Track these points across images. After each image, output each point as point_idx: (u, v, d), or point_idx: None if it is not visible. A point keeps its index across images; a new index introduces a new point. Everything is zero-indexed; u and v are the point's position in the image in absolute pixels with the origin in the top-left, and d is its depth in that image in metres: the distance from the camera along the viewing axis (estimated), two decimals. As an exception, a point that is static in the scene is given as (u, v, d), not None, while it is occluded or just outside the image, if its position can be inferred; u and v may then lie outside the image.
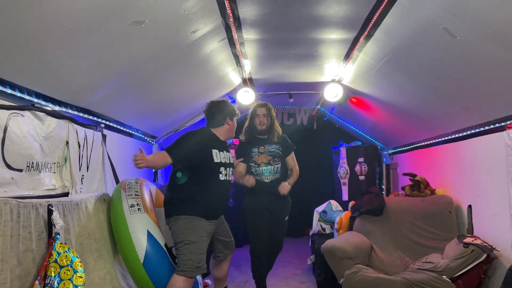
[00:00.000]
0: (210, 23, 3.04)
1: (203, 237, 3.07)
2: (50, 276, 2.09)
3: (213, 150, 3.20)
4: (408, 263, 3.84)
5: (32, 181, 2.35)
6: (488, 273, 3.36)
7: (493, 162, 3.37)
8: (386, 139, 6.21)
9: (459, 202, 4.04)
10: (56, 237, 2.20)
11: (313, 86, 5.25)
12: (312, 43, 3.65)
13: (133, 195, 3.15)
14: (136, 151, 2.94)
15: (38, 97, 2.46)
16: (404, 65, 3.54)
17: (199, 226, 3.06)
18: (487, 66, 2.76)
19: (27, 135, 2.29)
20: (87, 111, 3.15)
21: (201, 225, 3.08)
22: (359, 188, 6.13)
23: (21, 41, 2.01)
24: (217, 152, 3.22)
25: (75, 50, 2.35)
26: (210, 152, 3.19)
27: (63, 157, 2.75)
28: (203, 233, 3.08)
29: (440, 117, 4.07)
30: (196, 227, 3.05)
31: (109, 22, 2.29)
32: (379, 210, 4.29)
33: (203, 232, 3.08)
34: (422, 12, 2.59)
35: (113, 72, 2.93)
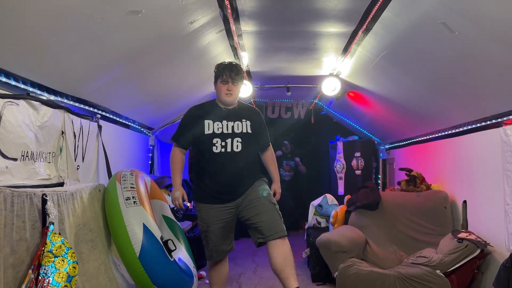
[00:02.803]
0: (207, 14, 3.02)
1: (211, 225, 2.95)
2: (45, 265, 2.09)
3: (205, 121, 2.94)
4: (402, 258, 3.86)
5: (27, 171, 2.34)
6: (482, 268, 3.38)
7: (489, 158, 3.38)
8: (383, 134, 6.21)
9: (454, 197, 4.06)
10: (50, 227, 2.19)
11: (311, 79, 5.24)
12: (310, 36, 3.63)
13: (129, 188, 3.14)
14: (132, 142, 2.95)
15: (34, 86, 2.45)
16: (402, 60, 3.53)
17: (203, 213, 2.98)
18: (485, 61, 2.75)
19: (22, 124, 2.28)
20: (83, 101, 3.13)
21: (206, 211, 2.97)
22: (355, 182, 6.15)
23: (16, 30, 1.99)
24: (210, 122, 2.92)
25: (71, 39, 2.33)
26: (202, 124, 2.93)
27: (58, 147, 2.74)
28: (209, 220, 2.95)
29: (437, 112, 4.08)
30: (201, 215, 2.99)
31: (106, 11, 2.27)
32: (375, 205, 4.30)
33: (209, 218, 2.95)
34: (420, 6, 2.58)
35: (109, 62, 2.91)
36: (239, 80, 2.95)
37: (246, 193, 2.97)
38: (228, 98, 2.94)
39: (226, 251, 3.10)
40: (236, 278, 4.40)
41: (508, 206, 3.08)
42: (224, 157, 2.91)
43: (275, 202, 2.98)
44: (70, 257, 2.17)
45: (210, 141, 2.89)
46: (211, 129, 2.90)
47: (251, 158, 3.03)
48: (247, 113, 3.05)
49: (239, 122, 2.96)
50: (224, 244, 3.05)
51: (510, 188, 3.05)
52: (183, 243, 3.58)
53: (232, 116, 2.97)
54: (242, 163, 2.95)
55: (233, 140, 2.92)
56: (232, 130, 2.93)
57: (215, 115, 2.95)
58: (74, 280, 2.16)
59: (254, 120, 3.04)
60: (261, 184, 3.04)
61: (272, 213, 2.91)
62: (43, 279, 2.05)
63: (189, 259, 3.40)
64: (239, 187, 2.96)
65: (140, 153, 4.88)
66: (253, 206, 2.92)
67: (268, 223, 2.87)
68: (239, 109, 3.05)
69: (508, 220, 3.07)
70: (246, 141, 2.95)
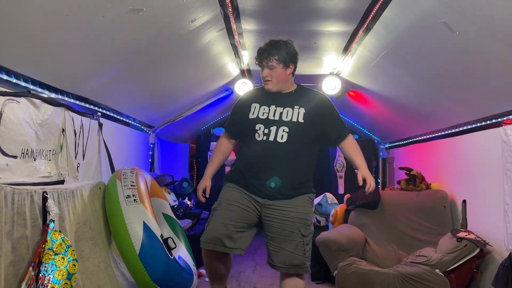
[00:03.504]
0: (208, 13, 3.02)
1: (223, 204, 2.54)
2: (45, 263, 2.09)
3: (253, 105, 2.60)
4: (401, 257, 3.87)
5: (27, 168, 2.34)
6: (481, 268, 3.39)
7: (489, 158, 3.38)
8: (383, 133, 6.22)
9: (454, 197, 4.06)
10: (51, 224, 2.19)
11: (311, 78, 5.24)
12: (311, 35, 3.63)
13: (129, 186, 3.14)
14: (133, 140, 2.93)
15: (34, 84, 2.45)
16: (403, 59, 3.53)
17: (224, 192, 2.60)
18: (485, 61, 2.75)
19: (23, 122, 2.28)
20: (83, 99, 3.14)
21: (229, 190, 2.58)
22: (355, 181, 6.12)
23: (17, 28, 1.99)
24: (257, 106, 2.58)
25: (72, 37, 2.33)
26: (249, 107, 2.61)
27: (59, 145, 2.74)
28: (225, 199, 2.55)
29: (437, 112, 4.08)
30: (221, 194, 2.61)
31: (107, 9, 2.27)
32: (374, 204, 4.31)
33: (228, 197, 2.55)
34: (421, 6, 2.58)
35: (110, 60, 2.91)
36: (277, 61, 2.52)
37: (282, 202, 2.51)
38: (267, 86, 2.58)
39: (227, 245, 2.50)
40: (236, 276, 4.41)
41: (507, 206, 3.08)
42: (265, 146, 2.51)
43: (306, 234, 2.51)
44: (70, 254, 2.17)
45: (253, 127, 2.54)
46: (255, 113, 2.56)
47: (299, 155, 2.54)
48: (305, 99, 2.59)
49: (289, 109, 2.53)
50: (228, 234, 2.47)
51: (509, 188, 3.06)
52: (183, 241, 3.59)
53: (284, 101, 2.57)
54: (286, 159, 2.51)
55: (278, 129, 2.50)
56: (279, 117, 2.52)
57: (264, 98, 2.61)
58: (74, 278, 2.17)
59: (312, 108, 2.57)
60: (305, 205, 2.56)
61: (295, 247, 2.48)
62: (43, 277, 2.05)
63: (189, 257, 3.41)
64: (275, 190, 2.51)
65: (140, 151, 4.88)
66: (280, 226, 2.50)
67: (287, 254, 2.47)
68: (296, 94, 2.62)
69: (508, 220, 3.08)
70: (294, 132, 2.50)
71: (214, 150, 2.79)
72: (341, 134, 2.66)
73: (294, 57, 2.59)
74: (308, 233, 2.52)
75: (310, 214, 2.59)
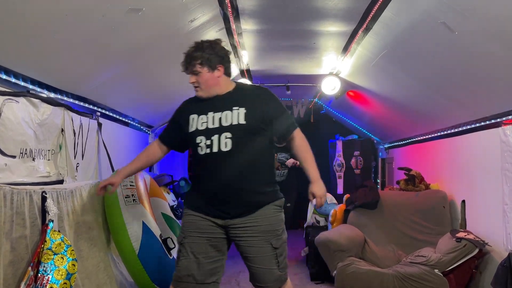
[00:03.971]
0: (208, 13, 3.02)
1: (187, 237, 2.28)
2: (44, 262, 2.09)
3: (190, 117, 2.32)
4: (401, 257, 3.87)
5: (26, 168, 2.34)
6: (480, 268, 3.39)
7: (488, 158, 3.38)
8: (382, 133, 6.22)
9: (453, 197, 4.06)
10: (50, 224, 2.19)
11: (311, 78, 5.24)
12: (310, 35, 3.64)
13: (128, 186, 3.14)
14: (132, 140, 2.91)
15: (34, 83, 2.45)
16: (402, 59, 3.53)
17: (185, 222, 2.34)
18: (485, 62, 2.76)
19: (22, 121, 2.28)
20: (83, 99, 3.13)
21: (189, 220, 2.32)
22: (354, 181, 6.15)
23: (16, 27, 1.99)
24: (195, 117, 2.30)
25: (71, 36, 2.33)
26: (187, 120, 2.33)
27: (58, 145, 2.74)
28: (188, 230, 2.29)
29: (437, 112, 4.08)
30: (183, 224, 2.37)
31: (106, 9, 2.27)
32: (374, 204, 4.31)
33: (191, 228, 2.29)
34: (420, 6, 2.59)
35: (109, 60, 2.91)
36: (200, 65, 2.26)
37: (246, 218, 2.25)
38: (197, 94, 2.32)
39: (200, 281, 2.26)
40: (235, 276, 4.41)
41: (506, 206, 3.08)
42: (210, 160, 2.24)
43: (278, 246, 2.29)
44: (69, 254, 2.17)
45: (194, 141, 2.27)
46: (194, 125, 2.28)
47: (251, 160, 2.25)
48: (244, 97, 2.31)
49: (228, 112, 2.24)
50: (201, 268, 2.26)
51: (508, 188, 3.06)
52: (182, 241, 3.58)
53: (221, 104, 2.28)
54: (236, 169, 2.22)
55: (220, 136, 2.21)
56: (219, 123, 2.24)
57: (201, 107, 2.32)
58: (73, 278, 2.17)
59: (253, 105, 2.28)
60: (272, 214, 2.30)
61: (268, 262, 2.27)
62: (42, 277, 2.05)
63: (188, 257, 3.40)
64: (232, 203, 2.24)
65: (139, 151, 4.85)
66: (249, 244, 2.27)
67: (262, 272, 2.28)
68: (234, 94, 2.33)
69: (507, 220, 3.08)
70: (238, 137, 2.21)
71: (141, 152, 2.58)
72: (287, 130, 2.37)
73: (222, 58, 2.31)
74: (280, 244, 2.30)
75: (279, 222, 2.33)
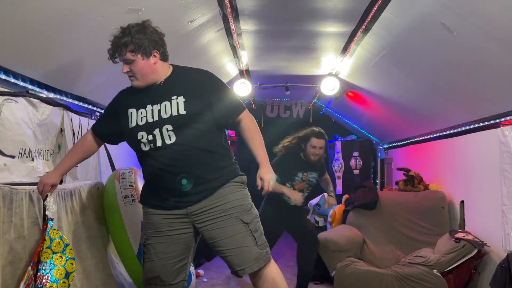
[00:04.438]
0: (207, 13, 3.02)
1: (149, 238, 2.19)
2: (44, 262, 2.09)
3: (129, 111, 2.15)
4: (399, 257, 3.87)
5: (25, 168, 2.34)
6: (479, 268, 3.39)
7: (487, 158, 3.39)
8: (381, 133, 6.22)
9: (452, 197, 4.07)
10: (49, 223, 2.19)
11: (310, 79, 5.24)
12: (309, 36, 3.64)
13: (127, 186, 3.14)
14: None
15: (33, 83, 2.44)
16: (401, 60, 3.54)
17: (145, 220, 2.26)
18: (484, 62, 2.76)
19: (21, 121, 2.27)
20: (82, 99, 3.13)
21: (148, 218, 2.22)
22: (354, 182, 6.16)
23: (15, 26, 1.99)
24: (134, 111, 2.13)
25: (70, 37, 2.33)
26: (126, 114, 2.16)
27: (57, 145, 2.74)
28: (149, 231, 2.20)
29: (436, 112, 4.09)
30: (144, 223, 2.29)
31: (105, 9, 2.27)
32: (373, 204, 4.31)
33: (152, 228, 2.19)
34: (420, 7, 2.59)
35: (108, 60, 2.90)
36: (132, 53, 2.05)
37: (206, 201, 2.12)
38: (134, 83, 2.13)
39: (168, 283, 2.18)
40: (233, 276, 4.41)
41: (505, 207, 3.09)
42: (156, 156, 2.10)
43: (249, 221, 2.13)
44: (68, 253, 2.17)
45: (135, 137, 2.12)
46: (134, 120, 2.12)
47: (199, 149, 2.10)
48: (181, 84, 2.13)
49: (167, 103, 2.08)
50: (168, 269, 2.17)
51: (507, 189, 3.07)
52: (181, 241, 3.58)
53: (158, 95, 2.11)
54: (186, 159, 2.08)
55: (162, 130, 2.07)
56: (158, 116, 2.08)
57: (138, 99, 2.14)
58: (71, 276, 2.17)
59: (193, 92, 2.11)
60: (233, 191, 2.17)
61: (243, 239, 2.11)
62: (42, 276, 2.05)
63: (187, 257, 3.41)
64: (187, 193, 2.11)
65: (138, 151, 4.87)
66: (218, 226, 2.11)
67: (239, 252, 2.11)
68: (171, 81, 2.15)
69: (505, 221, 3.08)
70: (180, 127, 2.07)
71: (76, 145, 2.37)
72: (233, 113, 2.19)
73: (156, 42, 2.09)
74: (251, 219, 2.14)
75: (245, 198, 2.19)
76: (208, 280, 4.31)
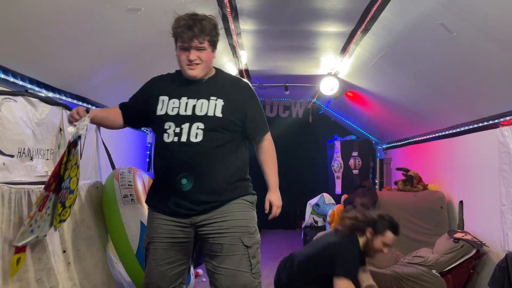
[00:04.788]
0: (207, 13, 2.98)
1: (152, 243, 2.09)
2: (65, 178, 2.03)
3: (160, 98, 2.08)
4: (398, 257, 3.87)
5: (24, 167, 2.33)
6: (477, 268, 3.40)
7: (486, 159, 3.39)
8: (380, 133, 6.23)
9: (451, 198, 4.07)
10: (76, 141, 2.03)
11: (309, 79, 5.25)
12: (309, 36, 3.64)
13: (126, 185, 3.14)
14: (131, 139, 2.90)
15: (32, 83, 2.44)
16: (400, 60, 3.54)
17: (149, 224, 2.14)
18: (483, 63, 2.76)
19: (20, 121, 2.27)
20: (81, 99, 3.13)
21: (152, 222, 2.11)
22: (353, 182, 6.17)
23: (14, 26, 1.98)
24: (166, 99, 2.06)
25: (70, 35, 2.33)
26: (156, 100, 2.08)
27: (57, 144, 2.74)
28: (151, 235, 2.10)
29: (435, 113, 4.09)
30: (148, 225, 2.17)
31: (105, 8, 2.27)
32: (372, 204, 4.31)
33: (155, 233, 2.08)
34: (419, 7, 2.59)
35: (108, 59, 2.91)
36: (209, 43, 2.03)
37: (212, 213, 2.02)
38: (194, 72, 2.04)
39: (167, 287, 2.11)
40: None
41: (504, 207, 3.09)
42: (176, 150, 2.00)
43: (250, 244, 2.04)
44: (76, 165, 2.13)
45: (161, 126, 2.04)
46: (164, 108, 2.05)
47: (222, 155, 2.05)
48: (223, 88, 2.09)
49: (204, 101, 2.03)
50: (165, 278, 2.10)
51: (506, 189, 3.07)
52: (180, 241, 3.58)
53: (198, 91, 2.06)
54: (205, 163, 2.01)
55: (192, 126, 2.00)
56: (192, 111, 2.02)
57: (173, 89, 2.09)
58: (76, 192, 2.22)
59: (232, 99, 2.07)
60: (242, 209, 2.07)
61: (238, 262, 2.02)
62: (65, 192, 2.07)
63: (186, 257, 3.40)
64: (197, 198, 2.02)
65: (138, 150, 4.87)
66: (218, 241, 2.02)
67: (230, 275, 2.01)
68: (213, 81, 2.11)
69: (504, 221, 3.09)
70: (211, 130, 2.01)
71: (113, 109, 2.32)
72: (258, 133, 2.18)
73: (218, 40, 2.13)
74: (252, 243, 2.05)
75: (252, 220, 2.09)
76: (207, 280, 4.31)
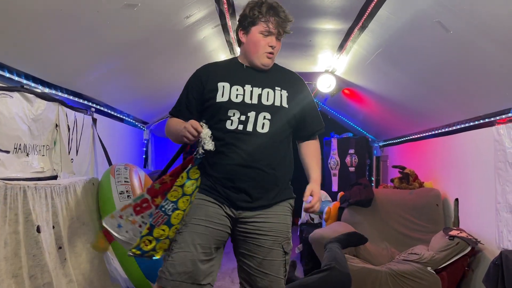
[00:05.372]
0: (204, 9, 3.01)
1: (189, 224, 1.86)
2: (171, 200, 1.81)
3: (219, 84, 1.96)
4: (394, 254, 3.89)
5: (20, 163, 2.33)
6: (472, 266, 3.42)
7: (481, 157, 3.40)
8: (377, 131, 6.24)
9: (447, 195, 4.09)
10: (196, 161, 1.84)
11: (306, 76, 5.23)
12: (306, 33, 3.64)
13: (123, 182, 3.14)
14: (127, 136, 2.90)
15: (28, 78, 2.43)
16: (397, 58, 3.54)
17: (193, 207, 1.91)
18: (479, 61, 2.77)
19: (15, 116, 2.27)
20: (77, 94, 3.12)
21: (197, 205, 1.91)
22: (349, 179, 6.18)
23: (10, 22, 1.97)
24: (227, 86, 1.95)
25: (66, 31, 2.32)
26: (215, 88, 1.97)
27: (52, 140, 2.73)
28: (191, 217, 1.88)
29: (431, 110, 4.10)
30: (190, 209, 1.91)
31: (101, 4, 2.26)
32: (368, 202, 4.33)
33: (196, 215, 1.88)
34: (416, 5, 2.59)
35: (104, 55, 2.90)
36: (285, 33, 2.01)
37: (256, 213, 1.93)
38: (267, 61, 1.98)
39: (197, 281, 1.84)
40: (229, 273, 4.41)
41: (499, 205, 3.11)
42: (240, 139, 1.90)
43: (288, 251, 1.97)
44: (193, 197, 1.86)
45: (224, 113, 1.92)
46: (226, 95, 1.94)
47: (282, 149, 1.99)
48: (285, 80, 2.04)
49: (270, 90, 1.97)
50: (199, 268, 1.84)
51: (501, 187, 3.08)
52: (176, 237, 3.58)
53: (261, 80, 1.99)
54: (268, 155, 1.93)
55: (258, 115, 1.92)
56: (258, 100, 1.94)
57: (235, 75, 1.99)
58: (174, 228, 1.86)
59: (295, 92, 2.04)
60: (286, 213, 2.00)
61: (277, 269, 1.94)
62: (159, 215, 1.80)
63: (182, 253, 3.40)
64: (252, 192, 1.91)
65: (134, 147, 4.87)
66: (261, 243, 1.92)
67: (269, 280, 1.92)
68: (275, 72, 2.05)
69: (499, 219, 3.10)
70: (277, 120, 1.95)
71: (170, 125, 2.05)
72: (316, 131, 2.14)
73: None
74: (289, 250, 1.99)
75: (290, 225, 2.04)
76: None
